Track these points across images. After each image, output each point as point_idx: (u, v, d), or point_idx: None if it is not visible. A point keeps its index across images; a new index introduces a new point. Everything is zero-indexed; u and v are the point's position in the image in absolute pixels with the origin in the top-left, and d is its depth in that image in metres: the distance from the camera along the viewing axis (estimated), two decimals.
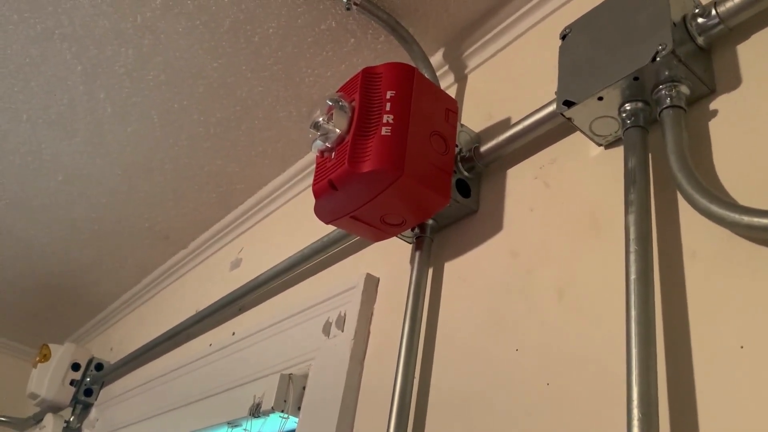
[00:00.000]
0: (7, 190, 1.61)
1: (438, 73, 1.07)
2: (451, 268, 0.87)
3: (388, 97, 0.81)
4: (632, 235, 0.59)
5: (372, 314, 0.97)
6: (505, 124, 0.90)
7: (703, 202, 0.55)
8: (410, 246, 0.95)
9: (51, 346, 2.00)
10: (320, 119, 0.82)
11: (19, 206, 1.68)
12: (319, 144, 0.83)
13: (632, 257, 0.58)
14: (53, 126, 1.39)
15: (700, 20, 0.65)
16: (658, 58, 0.62)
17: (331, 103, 0.82)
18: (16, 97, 1.32)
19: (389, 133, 0.78)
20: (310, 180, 1.37)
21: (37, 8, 1.12)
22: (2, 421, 2.39)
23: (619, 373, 0.58)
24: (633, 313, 0.55)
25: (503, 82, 0.97)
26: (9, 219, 1.74)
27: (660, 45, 0.62)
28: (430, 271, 0.89)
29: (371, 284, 0.99)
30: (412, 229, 0.91)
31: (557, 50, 0.76)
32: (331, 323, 1.00)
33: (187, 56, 1.17)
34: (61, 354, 1.95)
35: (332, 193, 0.81)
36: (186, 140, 1.38)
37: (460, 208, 0.87)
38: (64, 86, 1.28)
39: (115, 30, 1.14)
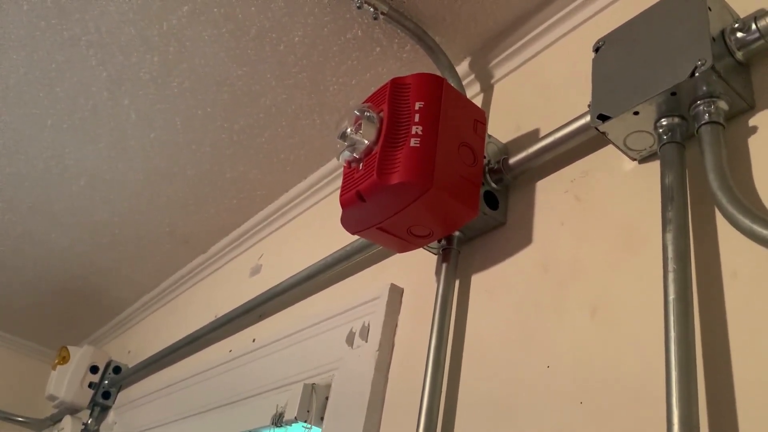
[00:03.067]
0: (30, 193, 1.62)
1: (464, 83, 1.06)
2: (478, 280, 0.86)
3: (416, 108, 0.80)
4: (670, 254, 0.58)
5: (396, 325, 0.96)
6: (534, 135, 0.89)
7: (746, 222, 0.54)
8: (434, 257, 0.95)
9: (70, 348, 2.01)
10: (348, 129, 0.81)
11: (41, 210, 1.69)
12: (346, 155, 0.82)
13: (671, 277, 0.57)
14: (77, 131, 1.40)
15: (739, 35, 0.63)
16: (696, 74, 0.61)
17: (359, 114, 0.81)
18: (41, 102, 1.33)
19: (418, 145, 0.77)
20: (332, 187, 1.37)
21: (65, 15, 1.12)
22: (20, 421, 2.41)
23: (655, 393, 0.57)
24: (672, 334, 0.54)
25: (531, 93, 0.96)
26: (31, 222, 1.75)
27: (699, 60, 0.61)
28: (457, 283, 0.89)
29: (395, 295, 0.98)
30: (439, 241, 0.90)
31: (586, 61, 0.76)
32: (354, 333, 0.99)
33: (212, 63, 1.17)
34: (80, 356, 1.96)
35: (360, 204, 0.81)
36: (209, 146, 1.38)
37: (488, 220, 0.86)
38: (89, 92, 1.29)
39: (140, 37, 1.14)
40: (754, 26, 0.63)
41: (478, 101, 1.06)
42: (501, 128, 0.96)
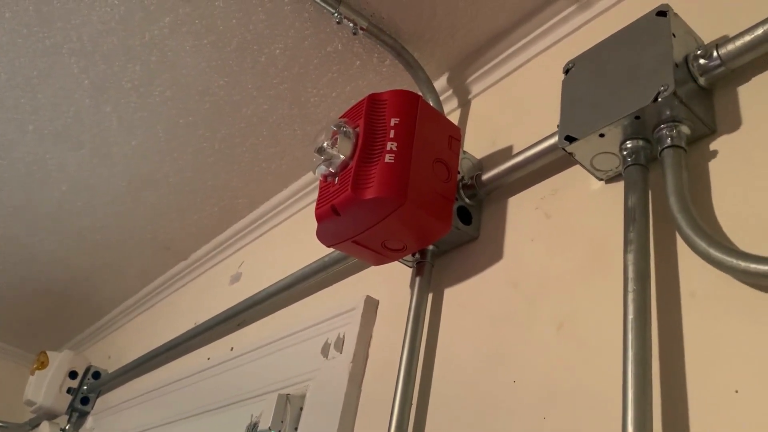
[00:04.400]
0: (12, 198, 1.62)
1: (442, 98, 1.08)
2: (450, 294, 0.87)
3: (392, 124, 0.81)
4: (631, 275, 0.59)
5: (371, 337, 0.97)
6: (508, 152, 0.91)
7: (702, 245, 0.56)
8: (410, 269, 0.96)
9: (49, 353, 2.00)
10: (325, 144, 0.82)
11: (23, 214, 1.68)
12: (322, 169, 0.83)
13: (630, 296, 0.58)
14: (59, 137, 1.40)
15: (701, 61, 0.65)
16: (659, 99, 0.63)
17: (335, 129, 0.83)
18: (22, 108, 1.33)
19: (393, 161, 0.79)
20: (312, 197, 1.38)
21: (47, 23, 1.13)
22: None
23: (616, 409, 0.59)
24: (630, 353, 0.55)
25: (506, 109, 0.98)
26: (13, 226, 1.75)
27: (662, 86, 0.63)
28: (430, 296, 0.90)
29: (371, 307, 0.99)
30: (413, 254, 0.92)
31: (559, 80, 0.77)
32: (329, 344, 1.00)
33: (193, 74, 1.18)
34: (59, 361, 1.96)
35: (334, 218, 0.82)
36: (191, 155, 1.39)
37: (461, 235, 0.88)
38: (71, 99, 1.29)
39: (123, 46, 1.15)
40: (715, 53, 0.65)
41: (455, 116, 1.07)
42: (477, 144, 0.97)
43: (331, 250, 1.10)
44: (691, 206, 0.60)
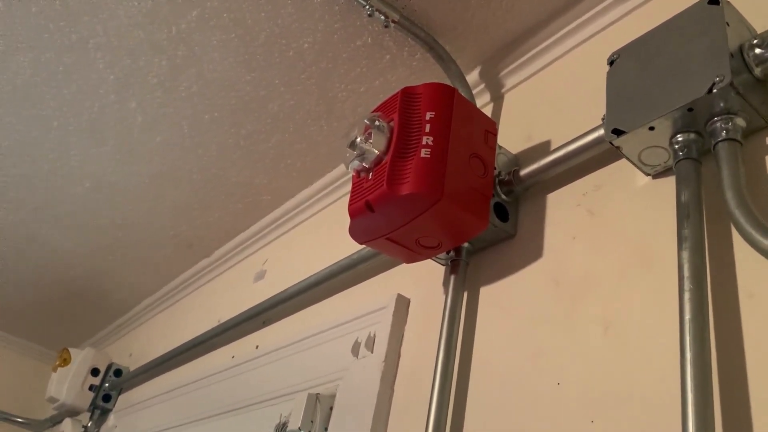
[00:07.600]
0: (34, 195, 1.62)
1: (474, 92, 1.06)
2: (487, 293, 0.85)
3: (427, 118, 0.79)
4: (686, 273, 0.57)
5: (402, 336, 0.95)
6: (546, 147, 0.89)
7: (764, 242, 0.53)
8: (441, 268, 0.94)
9: (71, 350, 2.01)
10: (358, 138, 0.80)
11: (45, 211, 1.68)
12: (356, 164, 0.81)
13: (686, 296, 0.56)
14: (83, 133, 1.39)
15: (757, 51, 0.62)
16: (714, 90, 0.60)
17: (369, 123, 0.81)
18: (47, 104, 1.33)
19: (429, 156, 0.76)
20: (338, 194, 1.36)
21: (73, 18, 1.12)
22: (20, 422, 2.40)
23: (669, 413, 0.56)
24: (688, 355, 0.53)
25: (542, 103, 0.96)
26: (35, 223, 1.75)
27: (717, 76, 0.60)
28: (465, 295, 0.88)
29: (402, 305, 0.97)
30: (447, 252, 0.89)
31: (597, 73, 0.75)
32: (360, 343, 0.98)
33: (220, 68, 1.17)
34: (81, 359, 1.96)
35: (368, 215, 0.80)
36: (215, 151, 1.38)
37: (498, 232, 0.85)
38: (96, 95, 1.28)
39: (149, 41, 1.14)
40: None
41: (488, 111, 1.05)
42: (511, 138, 0.95)
43: (360, 247, 1.08)
44: (749, 201, 0.57)
